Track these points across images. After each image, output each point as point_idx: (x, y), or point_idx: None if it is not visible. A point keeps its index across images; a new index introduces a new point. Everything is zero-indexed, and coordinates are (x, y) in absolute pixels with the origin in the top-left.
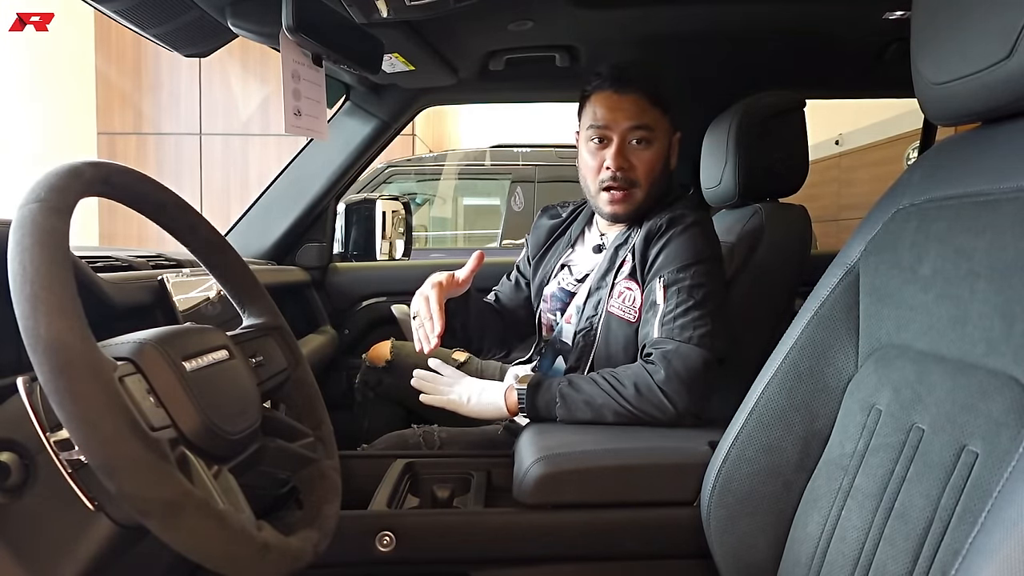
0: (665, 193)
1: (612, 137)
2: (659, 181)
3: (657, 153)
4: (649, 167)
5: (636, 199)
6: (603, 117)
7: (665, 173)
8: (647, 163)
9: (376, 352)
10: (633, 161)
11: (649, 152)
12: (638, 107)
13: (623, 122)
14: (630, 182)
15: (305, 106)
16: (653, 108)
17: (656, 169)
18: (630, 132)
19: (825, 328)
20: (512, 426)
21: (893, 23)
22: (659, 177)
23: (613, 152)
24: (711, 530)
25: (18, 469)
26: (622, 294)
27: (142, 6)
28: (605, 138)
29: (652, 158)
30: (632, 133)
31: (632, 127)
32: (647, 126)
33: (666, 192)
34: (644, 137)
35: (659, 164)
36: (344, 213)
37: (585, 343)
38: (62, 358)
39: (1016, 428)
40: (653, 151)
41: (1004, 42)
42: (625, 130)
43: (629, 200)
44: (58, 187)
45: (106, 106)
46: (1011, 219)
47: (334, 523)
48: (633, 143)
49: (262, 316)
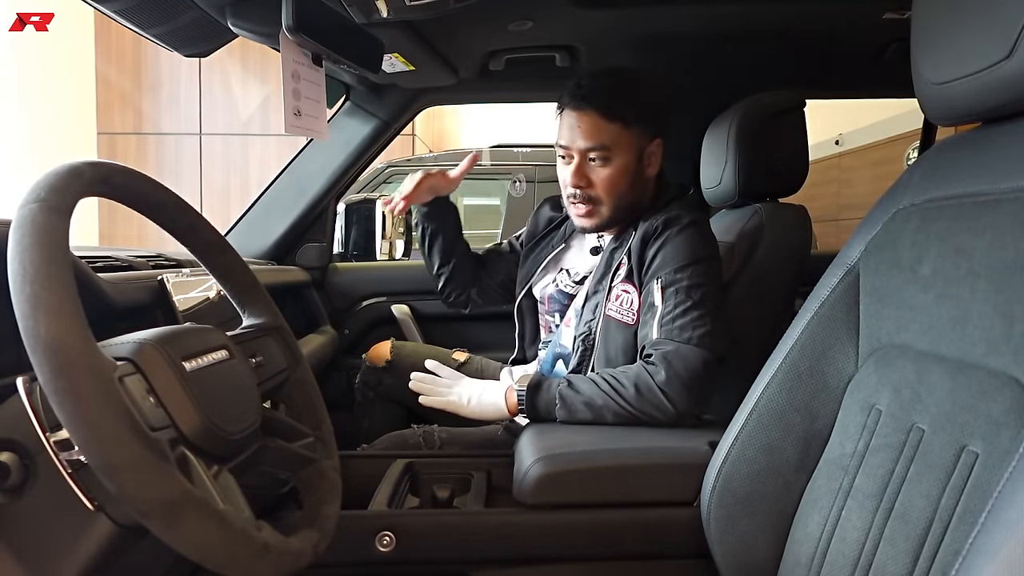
0: (656, 195)
1: (573, 155)
2: (625, 194)
3: (617, 169)
4: (609, 183)
5: (601, 214)
6: (564, 136)
7: (633, 185)
8: (606, 180)
9: (376, 352)
10: (592, 178)
11: (608, 169)
12: (594, 126)
13: (579, 142)
14: (590, 199)
15: (305, 106)
16: (610, 124)
17: (619, 184)
18: (587, 151)
19: (825, 328)
20: (512, 426)
21: (893, 23)
22: (624, 191)
23: (573, 170)
24: (711, 530)
25: (18, 469)
26: (619, 297)
27: (142, 6)
28: (567, 155)
29: (612, 174)
30: (589, 153)
31: (588, 148)
32: (602, 145)
33: (659, 194)
34: (601, 156)
35: (621, 179)
36: (344, 213)
37: (584, 347)
38: (62, 358)
39: (1016, 428)
40: (612, 167)
41: (1004, 42)
42: (582, 149)
43: (594, 215)
44: (58, 187)
45: (106, 106)
46: (1011, 219)
47: (334, 523)
48: (592, 161)
49: (262, 316)
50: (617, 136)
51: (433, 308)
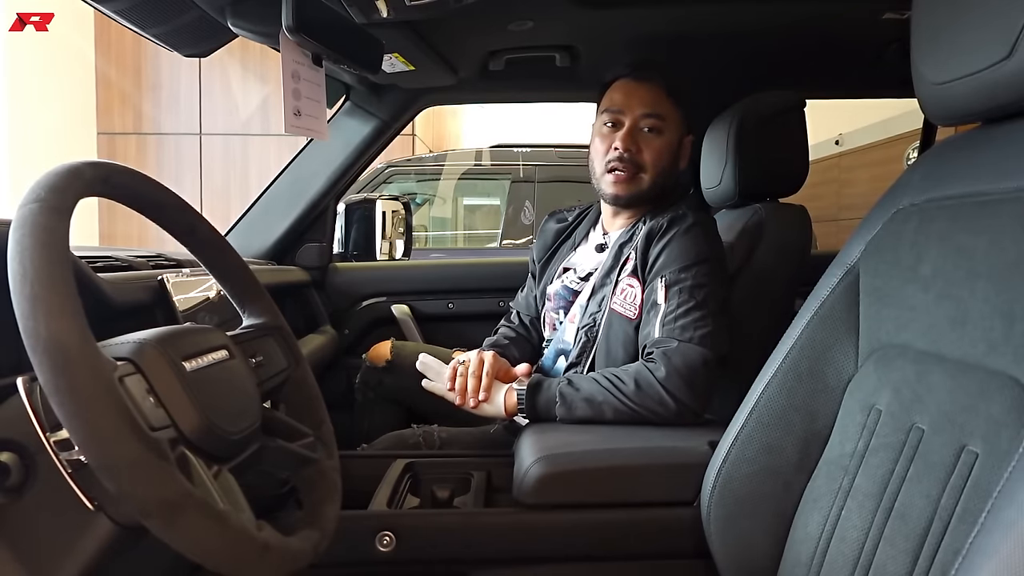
0: (669, 192)
1: (624, 121)
2: (666, 172)
3: (666, 143)
4: (657, 154)
5: (641, 184)
6: (618, 102)
7: (672, 167)
8: (656, 150)
9: (376, 352)
10: (642, 145)
11: (659, 140)
12: (653, 95)
13: (637, 108)
14: (637, 165)
15: (305, 106)
16: (668, 99)
17: (664, 159)
18: (642, 118)
19: (825, 328)
20: (512, 426)
21: (893, 23)
22: (666, 168)
23: (623, 134)
24: (711, 530)
25: (18, 469)
26: (624, 291)
27: (142, 6)
28: (618, 122)
29: (661, 146)
30: (644, 120)
31: (645, 114)
32: (659, 115)
33: (670, 191)
34: (655, 126)
35: (667, 155)
36: (344, 213)
37: (587, 339)
38: (62, 358)
39: (1016, 428)
40: (663, 140)
41: (1004, 42)
42: (638, 116)
43: (633, 183)
44: (58, 187)
45: (106, 106)
46: (1011, 219)
47: (334, 523)
48: (645, 130)
49: (262, 316)
50: (671, 112)
51: (433, 308)
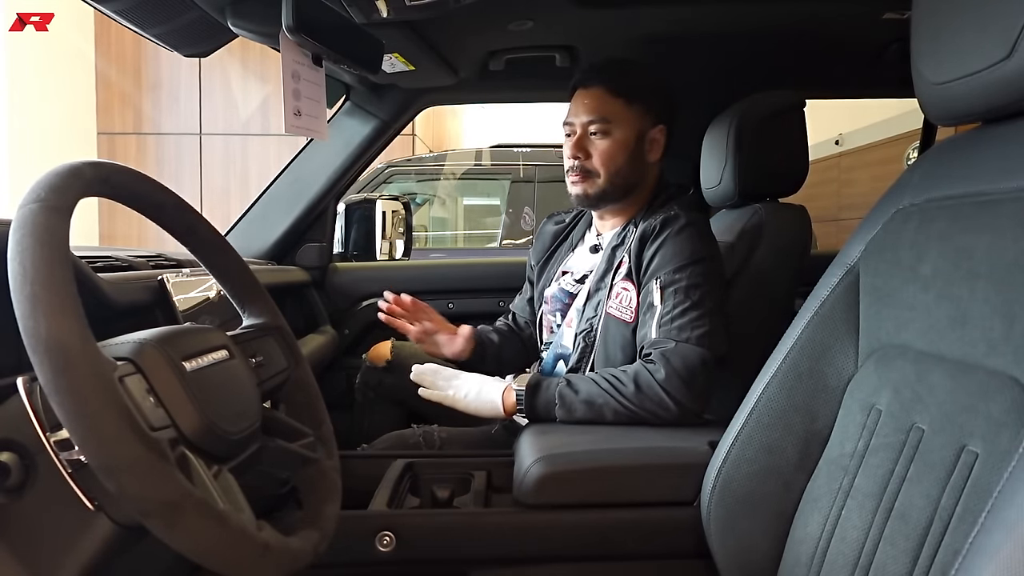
0: (656, 189)
1: (576, 130)
2: (622, 170)
3: (616, 143)
4: (606, 156)
5: (596, 185)
6: (569, 113)
7: (631, 163)
8: (603, 152)
9: (376, 352)
10: (590, 151)
11: (606, 142)
12: (598, 100)
13: (582, 115)
14: (585, 171)
15: (305, 106)
16: (614, 99)
17: (616, 158)
18: (588, 124)
19: (825, 328)
20: (512, 426)
21: (893, 23)
22: (621, 166)
23: (571, 143)
24: (711, 530)
25: (18, 469)
26: (619, 295)
27: (142, 6)
28: (572, 132)
29: (609, 148)
30: (590, 126)
31: (588, 120)
32: (604, 118)
33: (656, 188)
34: (600, 129)
35: (620, 153)
36: (344, 213)
37: (585, 344)
38: (62, 358)
39: (1016, 428)
40: (611, 141)
41: (1004, 42)
42: (584, 123)
43: (587, 184)
44: (58, 187)
45: (106, 106)
46: (1011, 219)
47: (334, 523)
48: (593, 135)
49: (262, 316)
50: (618, 111)
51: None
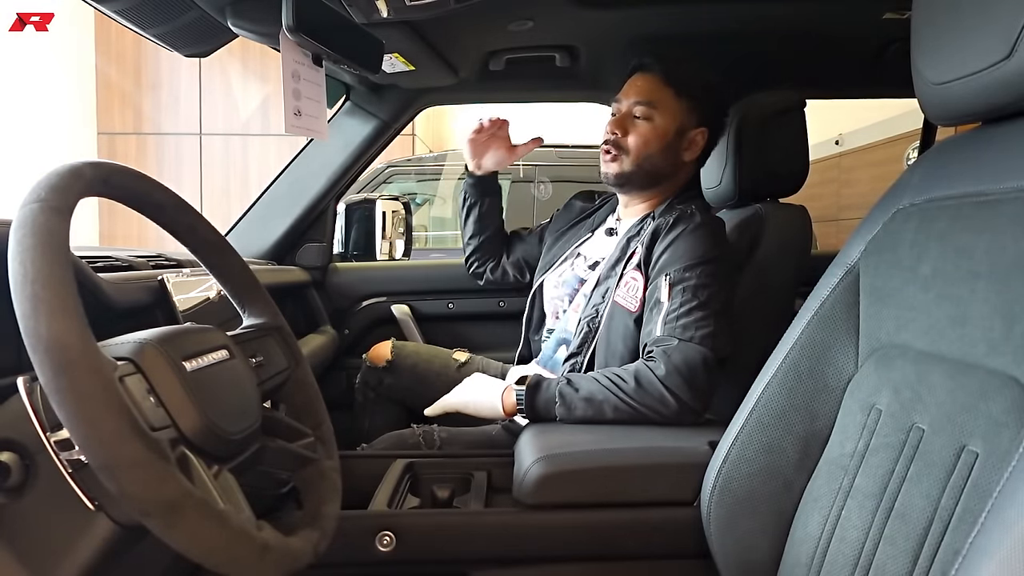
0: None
1: (621, 108)
2: (652, 156)
3: (654, 129)
4: (641, 139)
5: (622, 165)
6: (620, 92)
7: (663, 153)
8: (640, 135)
9: (376, 352)
10: (628, 130)
11: (645, 126)
12: (649, 85)
13: (631, 95)
14: (619, 147)
15: (305, 106)
16: (665, 87)
17: (650, 144)
18: (634, 106)
19: (825, 328)
20: (512, 426)
21: (893, 23)
22: (653, 153)
23: (614, 119)
24: (711, 530)
25: (18, 469)
26: (627, 283)
27: (142, 6)
28: (617, 110)
29: (646, 132)
30: (636, 107)
31: (636, 101)
32: (650, 102)
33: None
34: (644, 112)
35: (654, 140)
36: (344, 213)
37: (588, 330)
38: (62, 358)
39: (1016, 428)
40: (650, 126)
41: (1004, 42)
42: (631, 103)
43: (616, 162)
44: (58, 187)
45: (106, 106)
46: (1011, 219)
47: (334, 523)
48: (635, 117)
49: (262, 316)
50: (665, 99)
51: (433, 308)
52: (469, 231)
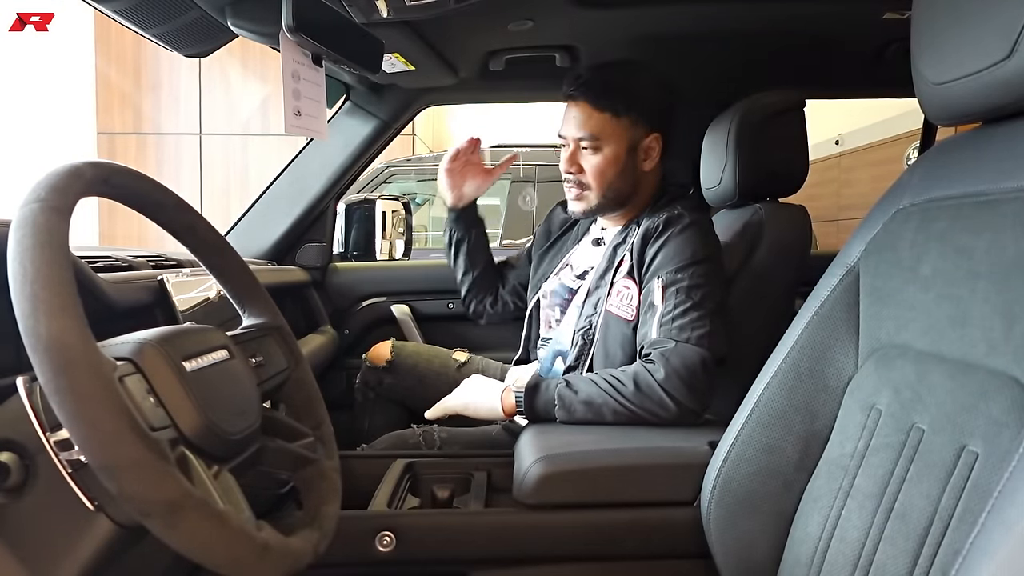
0: (657, 192)
1: (569, 143)
2: (614, 183)
3: (606, 158)
4: (597, 171)
5: (590, 200)
6: (563, 123)
7: (623, 176)
8: (594, 167)
9: (376, 352)
10: (583, 165)
11: (597, 158)
12: (584, 115)
13: (572, 131)
14: (581, 184)
15: (305, 106)
16: (600, 114)
17: (607, 173)
18: (579, 139)
19: (825, 328)
20: (512, 426)
21: (893, 23)
22: (613, 179)
23: (565, 158)
24: (711, 530)
25: (18, 469)
26: (620, 293)
27: (142, 6)
28: (565, 144)
29: (600, 163)
30: (580, 141)
31: (578, 136)
32: (591, 135)
33: (657, 192)
34: (591, 145)
35: (610, 167)
36: (344, 213)
37: (584, 341)
38: (62, 358)
39: (1016, 428)
40: (601, 156)
41: (1004, 42)
42: (574, 137)
43: (582, 200)
44: (58, 187)
45: (106, 106)
46: (1011, 219)
47: (334, 523)
48: (584, 149)
49: (262, 316)
50: (606, 126)
51: (433, 308)
52: (461, 268)
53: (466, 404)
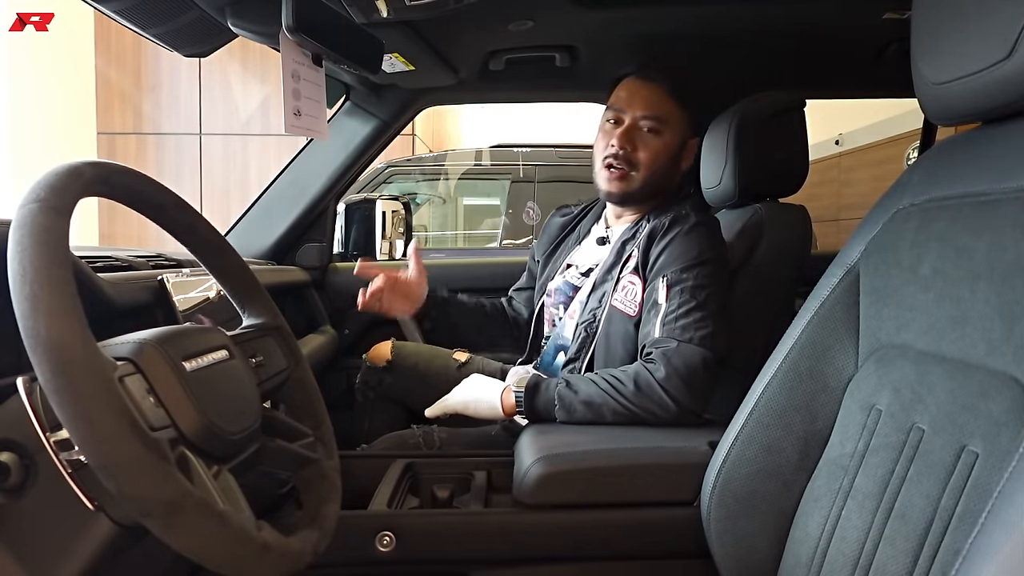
0: (666, 192)
1: (625, 119)
2: (661, 172)
3: (664, 144)
4: (652, 154)
5: (633, 182)
6: (622, 100)
7: (669, 168)
8: (651, 150)
9: (376, 352)
10: (638, 144)
11: (656, 141)
12: (656, 97)
13: (638, 108)
14: (630, 163)
15: (305, 106)
16: (671, 101)
17: (660, 159)
18: (642, 119)
19: (825, 328)
20: (511, 426)
21: (893, 23)
22: (661, 168)
23: (621, 131)
24: (711, 530)
25: (18, 469)
26: (625, 288)
27: (142, 6)
28: (619, 120)
29: (658, 147)
30: (644, 120)
31: (644, 115)
32: (659, 117)
33: (670, 191)
34: (654, 127)
35: (664, 155)
36: (344, 213)
37: (587, 334)
38: (62, 358)
39: (1016, 428)
40: (660, 141)
41: (1004, 42)
42: (638, 116)
43: (626, 180)
44: (58, 187)
45: (106, 106)
46: (1011, 219)
47: (334, 523)
48: (643, 129)
49: (262, 316)
50: (673, 113)
51: None
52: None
53: (466, 403)
